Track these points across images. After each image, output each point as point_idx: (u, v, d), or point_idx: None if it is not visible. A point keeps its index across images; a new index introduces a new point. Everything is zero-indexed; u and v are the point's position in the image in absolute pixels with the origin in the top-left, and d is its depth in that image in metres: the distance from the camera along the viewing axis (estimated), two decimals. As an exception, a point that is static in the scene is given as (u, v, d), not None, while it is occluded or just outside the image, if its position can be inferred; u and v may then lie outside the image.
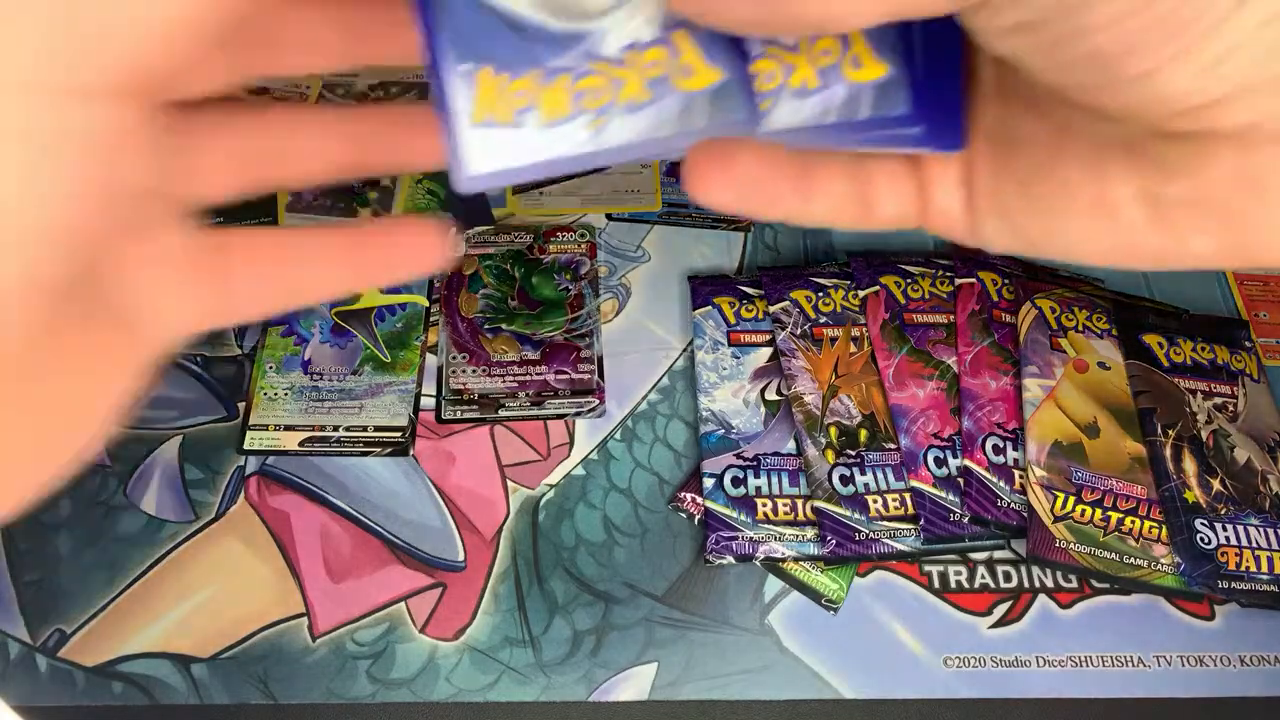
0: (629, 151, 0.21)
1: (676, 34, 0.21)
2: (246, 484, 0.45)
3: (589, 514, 0.44)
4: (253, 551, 0.43)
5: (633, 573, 0.43)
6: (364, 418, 0.46)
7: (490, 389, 0.47)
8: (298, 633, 0.41)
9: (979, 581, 0.43)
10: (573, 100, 0.21)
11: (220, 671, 0.40)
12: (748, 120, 0.22)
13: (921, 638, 0.42)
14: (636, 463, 0.46)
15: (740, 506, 0.43)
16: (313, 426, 0.45)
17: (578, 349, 0.48)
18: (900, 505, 0.43)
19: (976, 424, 0.45)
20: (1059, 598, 0.43)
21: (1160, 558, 0.42)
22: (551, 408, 0.46)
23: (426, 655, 0.41)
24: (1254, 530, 0.43)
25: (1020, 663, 0.41)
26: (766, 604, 0.42)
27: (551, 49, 0.21)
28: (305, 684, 0.40)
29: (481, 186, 0.21)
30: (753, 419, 0.46)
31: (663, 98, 0.21)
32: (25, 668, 0.40)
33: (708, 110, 0.21)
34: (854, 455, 0.44)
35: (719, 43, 0.21)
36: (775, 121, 0.22)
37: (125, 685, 0.40)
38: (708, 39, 0.21)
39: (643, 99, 0.21)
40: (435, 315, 0.49)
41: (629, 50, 0.21)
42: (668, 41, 0.21)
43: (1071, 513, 0.43)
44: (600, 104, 0.21)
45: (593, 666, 0.41)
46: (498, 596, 0.42)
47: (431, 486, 0.45)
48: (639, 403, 0.47)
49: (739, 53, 0.22)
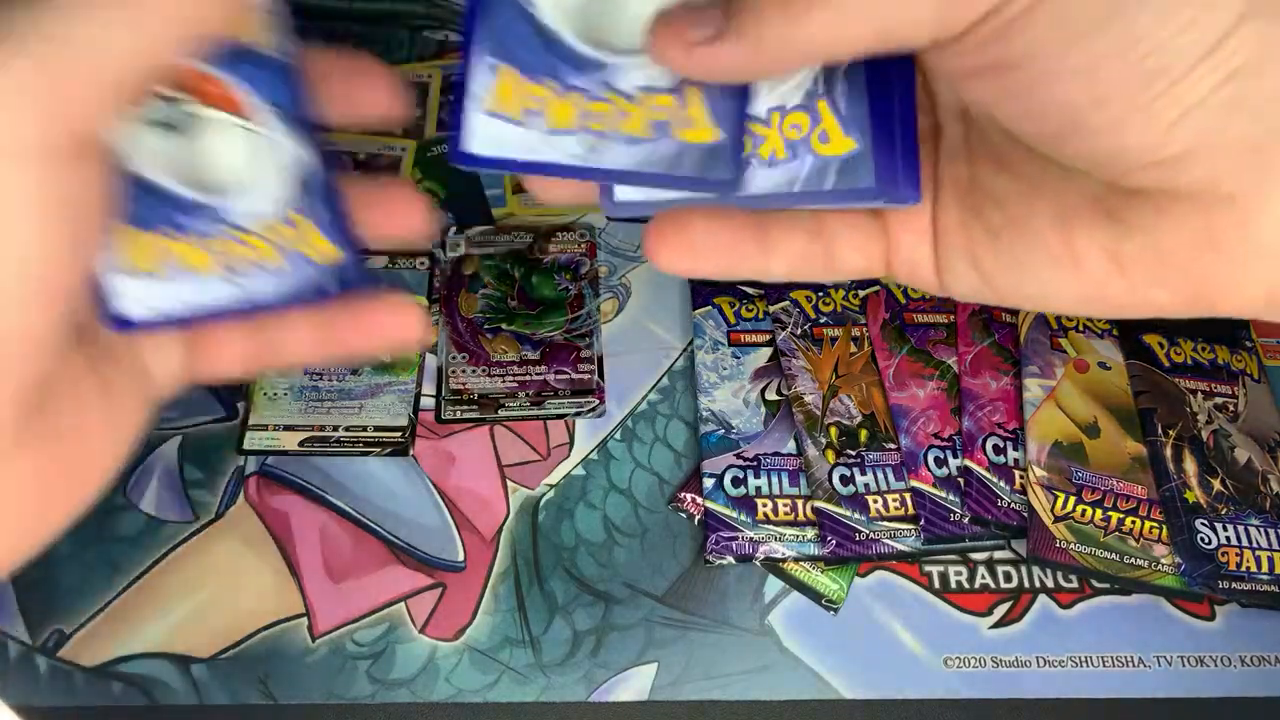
0: (615, 176, 0.23)
1: (689, 88, 0.23)
2: (246, 484, 0.44)
3: (589, 514, 0.44)
4: (252, 552, 0.43)
5: (633, 573, 0.43)
6: (364, 418, 0.46)
7: (490, 389, 0.47)
8: (297, 633, 0.41)
9: (979, 582, 0.43)
10: (579, 117, 0.22)
11: (220, 672, 0.40)
12: (730, 183, 0.23)
13: (922, 638, 0.42)
14: (636, 463, 0.46)
15: (740, 507, 0.43)
16: (312, 426, 0.45)
17: (578, 349, 0.48)
18: (900, 505, 0.43)
19: (977, 424, 0.45)
20: (1059, 598, 0.43)
21: (1161, 558, 0.42)
22: (551, 408, 0.46)
23: (426, 655, 0.41)
24: (1254, 530, 0.43)
25: (1021, 663, 0.41)
26: (767, 604, 0.42)
27: (574, 68, 0.22)
28: (305, 684, 0.40)
29: (474, 165, 0.22)
30: (753, 419, 0.46)
31: (660, 139, 0.23)
32: (25, 668, 0.40)
33: (698, 162, 0.23)
34: (854, 455, 0.44)
35: (725, 106, 0.23)
36: (744, 188, 0.23)
37: (125, 685, 0.40)
38: (716, 100, 0.23)
39: (642, 135, 0.23)
40: (435, 315, 0.49)
41: (643, 90, 0.22)
42: (679, 92, 0.23)
43: (1072, 513, 0.43)
44: (603, 128, 0.22)
45: (593, 667, 0.41)
46: (497, 597, 0.42)
47: (431, 486, 0.45)
48: (639, 403, 0.47)
49: (740, 120, 0.23)
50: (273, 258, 0.23)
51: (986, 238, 0.23)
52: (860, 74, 0.23)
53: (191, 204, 0.23)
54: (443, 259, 0.50)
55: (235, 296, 0.23)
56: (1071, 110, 0.19)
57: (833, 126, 0.23)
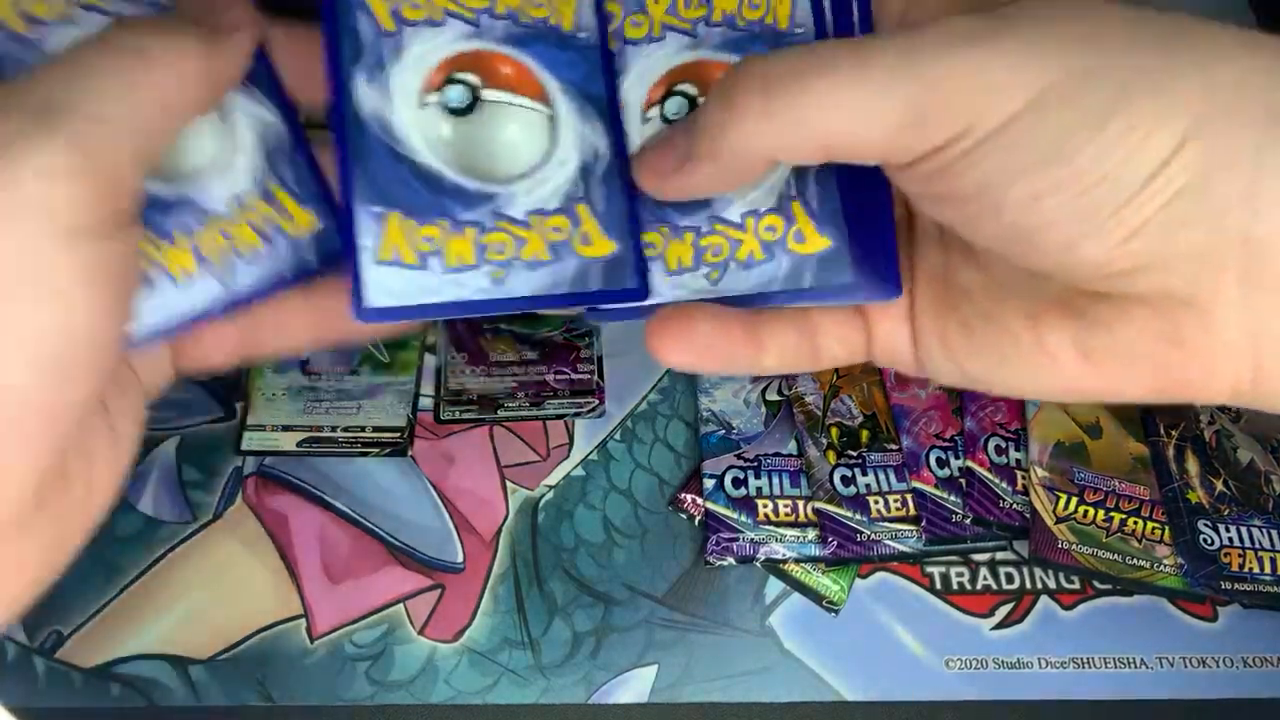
0: (527, 303, 0.23)
1: (579, 206, 0.23)
2: (244, 484, 0.44)
3: (589, 515, 0.44)
4: (251, 552, 0.43)
5: (633, 574, 0.43)
6: (362, 418, 0.45)
7: (489, 389, 0.46)
8: (296, 634, 0.41)
9: (981, 583, 0.43)
10: (477, 251, 0.22)
11: (218, 673, 0.40)
12: (637, 291, 0.23)
13: (923, 639, 0.41)
14: (636, 463, 0.45)
15: (741, 507, 0.43)
16: (311, 427, 0.45)
17: (577, 349, 0.48)
18: (902, 506, 0.43)
19: (979, 424, 0.45)
20: (1061, 599, 0.42)
21: (1163, 559, 0.42)
22: (551, 408, 0.46)
23: (425, 657, 0.41)
24: (1257, 531, 0.43)
25: (1023, 664, 0.41)
26: (767, 605, 0.42)
27: (462, 204, 0.22)
28: (304, 686, 0.40)
29: (380, 319, 0.22)
30: (753, 419, 0.46)
31: (562, 259, 0.23)
32: (22, 669, 0.40)
33: (601, 276, 0.23)
34: (855, 456, 0.44)
35: (615, 218, 0.23)
36: (726, 288, 0.23)
37: (123, 687, 0.40)
38: (605, 213, 0.23)
39: (544, 258, 0.23)
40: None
41: (534, 214, 0.23)
42: (570, 212, 0.23)
43: (1074, 514, 0.43)
44: (504, 257, 0.22)
45: (592, 668, 0.41)
46: (497, 598, 0.42)
47: (430, 487, 0.45)
48: (639, 403, 0.47)
49: (633, 229, 0.23)
50: (252, 241, 0.23)
51: (960, 330, 0.24)
52: (832, 171, 0.24)
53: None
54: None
55: (218, 296, 0.22)
56: (1023, 233, 0.20)
57: (807, 226, 0.23)
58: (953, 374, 0.24)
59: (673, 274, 0.23)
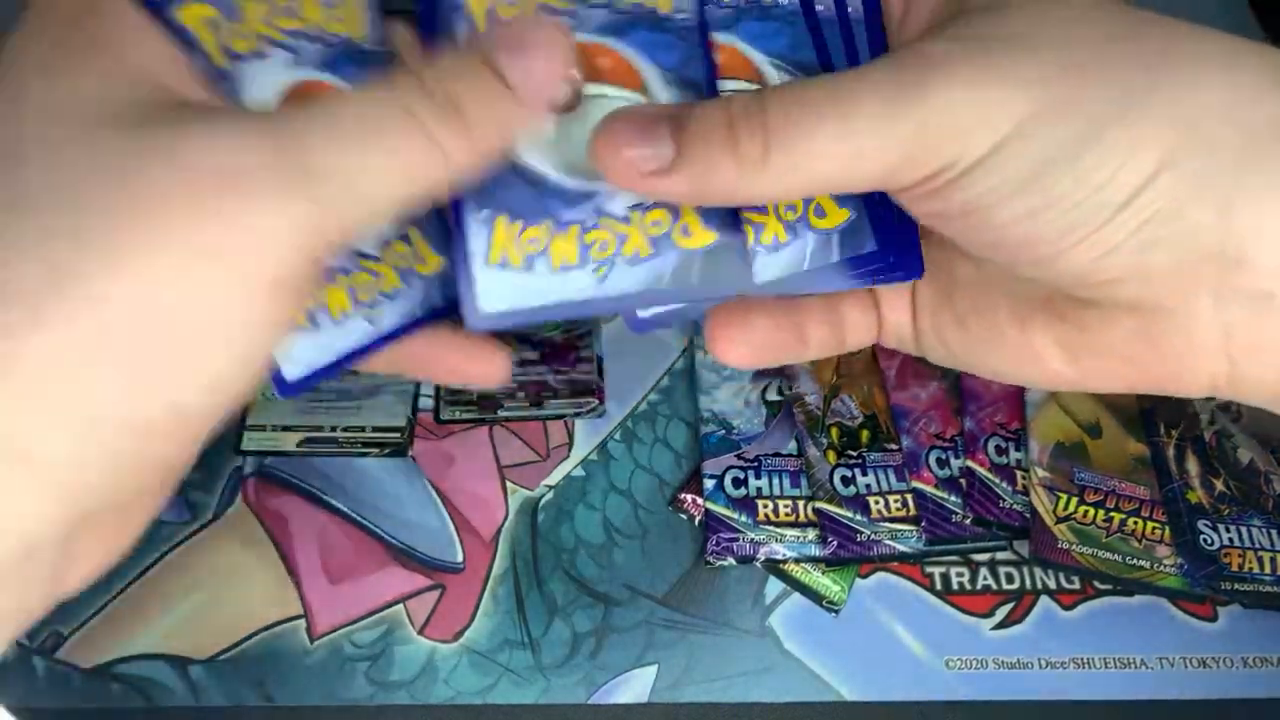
0: (631, 300, 0.23)
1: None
2: (244, 485, 0.44)
3: (589, 515, 0.44)
4: (250, 553, 0.43)
5: (633, 574, 0.43)
6: (362, 418, 0.45)
7: (489, 389, 0.46)
8: (296, 634, 0.41)
9: (981, 583, 0.43)
10: (580, 250, 0.23)
11: (218, 673, 0.40)
12: (739, 278, 0.23)
13: (923, 639, 0.41)
14: (636, 464, 0.45)
15: (741, 508, 0.43)
16: (311, 427, 0.45)
17: (577, 349, 0.48)
18: (902, 506, 0.43)
19: (979, 424, 0.45)
20: (1061, 599, 0.42)
21: (1163, 559, 0.42)
22: (551, 408, 0.46)
23: (425, 657, 0.41)
24: (1257, 531, 0.43)
25: (1023, 664, 0.41)
26: (767, 606, 0.42)
27: (564, 203, 0.23)
28: (303, 686, 0.40)
29: (493, 325, 0.23)
30: (754, 420, 0.45)
31: (663, 253, 0.23)
32: (22, 669, 0.40)
33: (702, 267, 0.23)
34: (855, 456, 0.44)
35: (716, 209, 0.23)
36: (759, 276, 0.24)
37: (122, 687, 0.40)
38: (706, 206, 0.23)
39: (645, 253, 0.23)
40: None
41: (634, 209, 0.23)
42: (670, 204, 0.23)
43: (1074, 514, 0.43)
44: (606, 255, 0.23)
45: (592, 669, 0.41)
46: (497, 598, 0.42)
47: (430, 487, 0.45)
48: (639, 403, 0.47)
49: (734, 219, 0.23)
50: (395, 281, 0.24)
51: (953, 320, 0.25)
52: None
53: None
54: (442, 258, 0.50)
55: (367, 333, 0.23)
56: (1008, 248, 0.21)
57: (826, 200, 0.24)
58: (947, 359, 0.26)
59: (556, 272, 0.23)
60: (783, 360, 0.26)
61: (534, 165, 0.23)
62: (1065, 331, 0.23)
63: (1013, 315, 0.24)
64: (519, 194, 0.22)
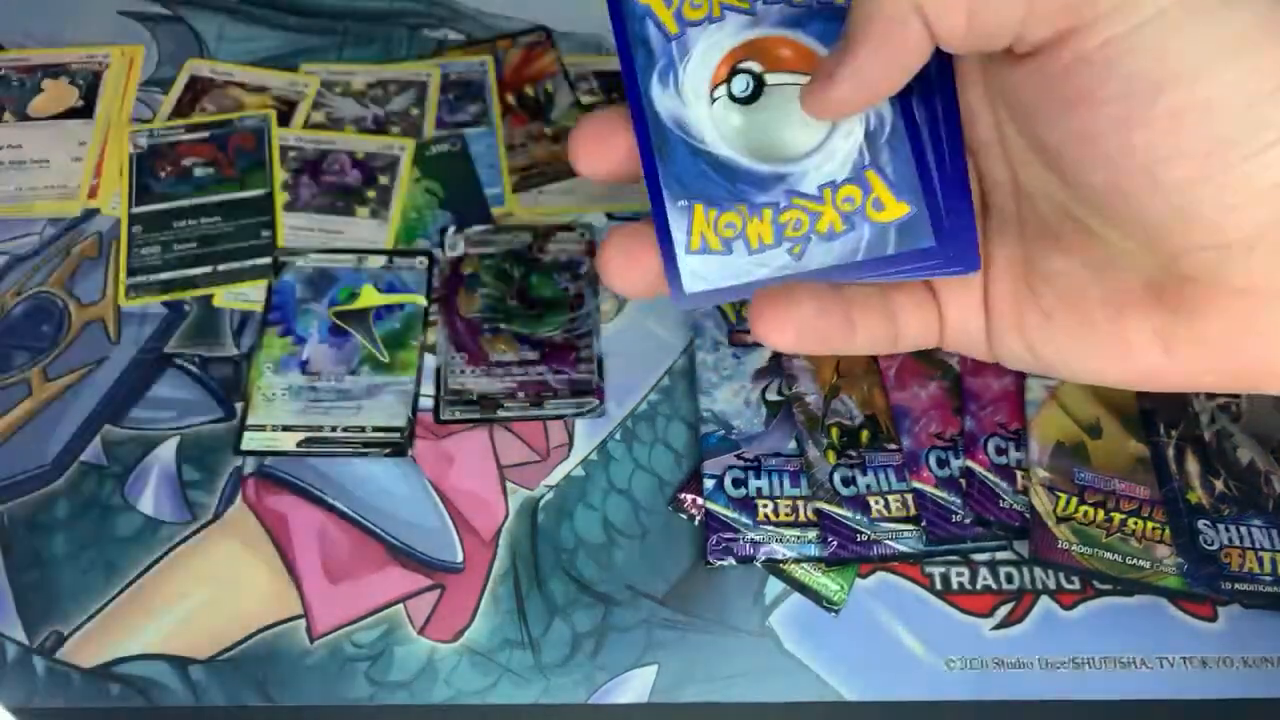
0: (825, 274, 0.24)
1: (869, 173, 0.24)
2: (244, 485, 0.44)
3: (589, 515, 0.44)
4: (251, 553, 0.43)
5: (633, 574, 0.43)
6: (362, 418, 0.45)
7: (489, 389, 0.46)
8: (296, 634, 0.41)
9: (981, 583, 0.43)
10: (775, 230, 0.24)
11: (218, 673, 0.40)
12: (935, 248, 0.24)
13: (923, 639, 0.41)
14: (636, 463, 0.45)
15: (741, 508, 0.43)
16: (311, 427, 0.45)
17: (577, 349, 0.48)
18: (902, 506, 0.43)
19: (979, 424, 0.45)
20: (1061, 599, 0.42)
21: (1163, 559, 0.42)
22: (551, 408, 0.46)
23: (425, 657, 0.41)
24: (1256, 531, 0.43)
25: (1022, 664, 0.41)
26: (767, 606, 0.42)
27: (757, 188, 0.24)
28: (303, 686, 0.40)
29: (698, 304, 0.24)
30: (753, 420, 0.45)
31: (857, 228, 0.24)
32: (22, 669, 0.40)
33: (895, 239, 0.24)
34: (855, 456, 0.44)
35: (906, 180, 0.24)
36: (808, 263, 0.24)
37: (123, 687, 0.40)
38: (896, 178, 0.24)
39: (839, 229, 0.24)
40: (433, 315, 0.49)
41: (826, 187, 0.24)
42: (860, 180, 0.24)
43: (1074, 514, 0.43)
44: (801, 233, 0.24)
45: (593, 669, 0.41)
46: (497, 598, 0.42)
47: (430, 487, 0.45)
48: (639, 403, 0.47)
49: (927, 189, 0.24)
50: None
51: (1038, 316, 0.23)
52: (903, 140, 0.24)
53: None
54: (441, 258, 0.50)
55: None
56: (1147, 161, 0.18)
57: (885, 193, 0.24)
58: (1025, 360, 0.24)
59: (754, 252, 0.24)
60: (829, 349, 0.25)
61: (726, 155, 0.24)
62: (1164, 319, 0.21)
63: (1106, 303, 0.22)
64: (714, 183, 0.24)
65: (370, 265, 0.50)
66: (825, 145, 0.24)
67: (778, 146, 0.24)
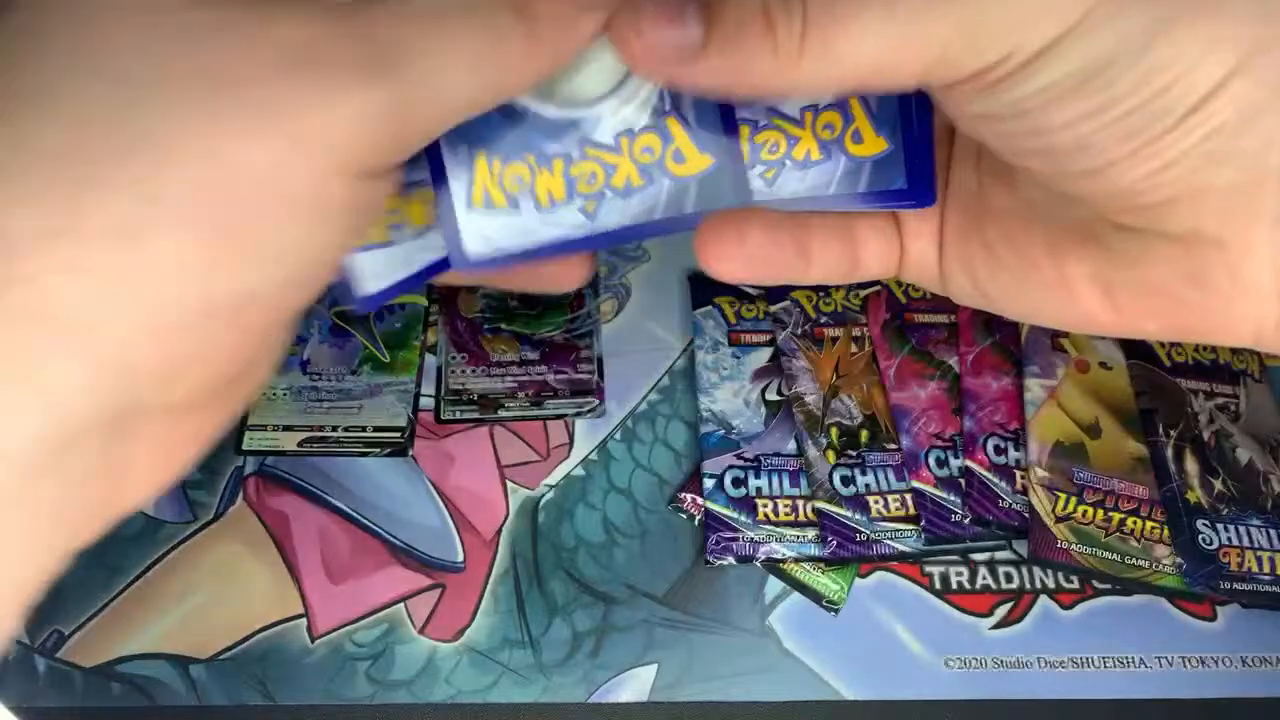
0: (623, 235, 0.22)
1: (669, 120, 0.22)
2: (245, 484, 0.44)
3: (589, 515, 0.44)
4: (251, 552, 0.43)
5: (633, 574, 0.43)
6: (363, 418, 0.45)
7: (490, 389, 0.47)
8: (297, 634, 0.41)
9: (980, 582, 0.43)
10: (567, 185, 0.21)
11: (219, 672, 0.40)
12: (736, 204, 0.22)
13: (922, 639, 0.41)
14: (636, 463, 0.45)
15: (740, 507, 0.43)
16: (311, 427, 0.45)
17: (578, 349, 0.48)
18: (901, 506, 0.43)
19: (978, 424, 0.45)
20: (1060, 599, 0.42)
21: (1162, 558, 0.42)
22: (551, 408, 0.46)
23: (425, 656, 0.41)
24: (1255, 531, 0.43)
25: (1022, 664, 0.41)
26: (767, 605, 0.42)
27: (547, 135, 0.21)
28: (304, 685, 0.40)
29: (484, 269, 0.21)
30: (753, 419, 0.46)
31: (655, 182, 0.22)
32: (23, 668, 0.40)
33: (697, 194, 0.22)
34: (855, 456, 0.44)
35: (710, 130, 0.22)
36: (780, 190, 0.22)
37: (124, 686, 0.40)
38: (699, 127, 0.22)
39: (636, 184, 0.22)
40: (434, 315, 0.49)
41: (623, 136, 0.21)
42: (660, 128, 0.22)
43: (1073, 513, 0.43)
44: (594, 189, 0.21)
45: (593, 668, 0.41)
46: (497, 598, 0.42)
47: (430, 487, 0.45)
48: (639, 403, 0.47)
49: (730, 140, 0.22)
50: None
51: (983, 251, 0.23)
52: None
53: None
54: (442, 258, 0.50)
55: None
56: (1056, 155, 0.19)
57: (865, 126, 0.22)
58: (972, 295, 0.24)
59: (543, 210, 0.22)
60: (780, 278, 0.24)
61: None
62: (1103, 264, 0.21)
63: (1048, 244, 0.22)
64: (497, 128, 0.21)
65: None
66: (622, 89, 0.21)
67: (568, 87, 0.21)
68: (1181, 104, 0.18)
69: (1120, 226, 0.20)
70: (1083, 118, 0.18)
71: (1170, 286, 0.20)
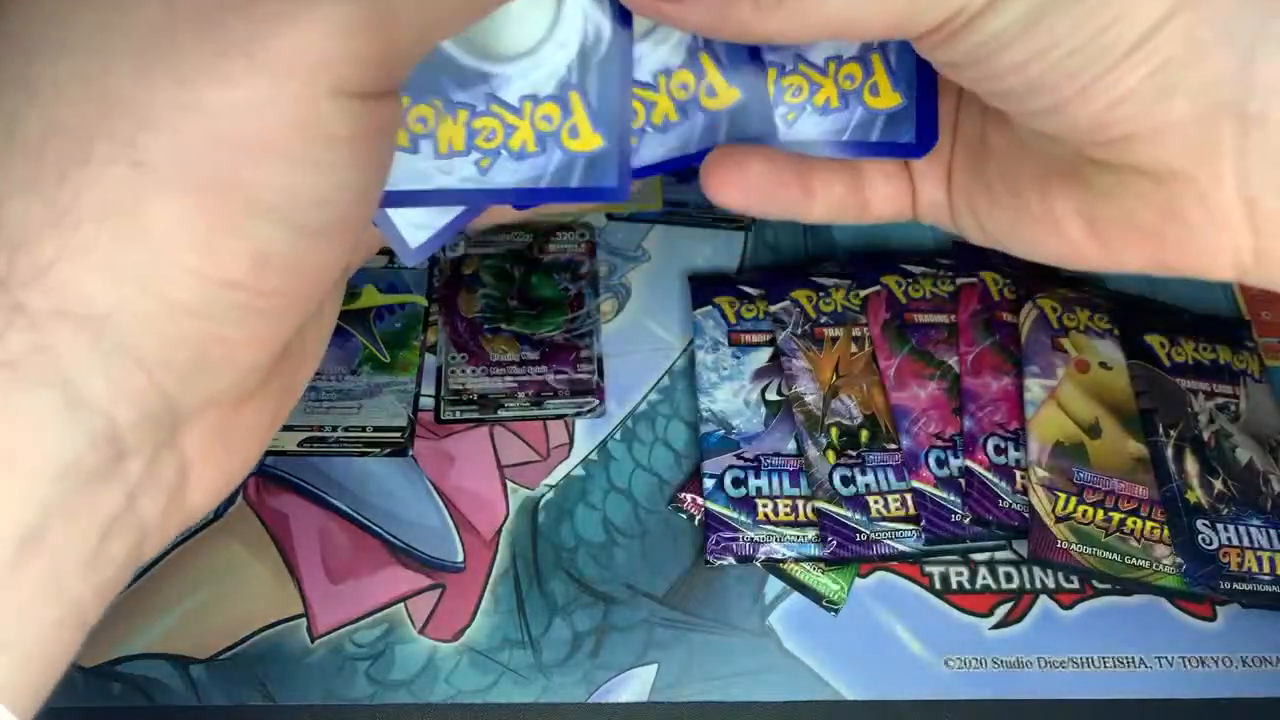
0: (511, 196, 0.22)
1: (573, 94, 0.22)
2: (245, 484, 0.44)
3: (589, 515, 0.44)
4: (251, 552, 0.43)
5: (633, 574, 0.43)
6: (363, 418, 0.45)
7: (490, 389, 0.47)
8: (296, 634, 0.41)
9: (980, 582, 0.43)
10: (467, 136, 0.22)
11: (219, 672, 0.40)
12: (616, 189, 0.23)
13: (922, 639, 0.41)
14: (636, 463, 0.45)
15: (740, 507, 0.43)
16: (311, 427, 0.45)
17: (578, 349, 0.48)
18: (901, 506, 0.43)
19: (978, 424, 0.45)
20: (1060, 599, 0.42)
21: (1162, 558, 0.42)
22: (551, 408, 0.46)
23: (425, 656, 0.41)
24: (1255, 531, 0.43)
25: (1022, 664, 0.41)
26: (767, 605, 0.42)
27: (457, 83, 0.21)
28: (304, 685, 0.40)
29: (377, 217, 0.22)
30: (753, 419, 0.46)
31: (548, 150, 0.22)
32: (23, 669, 0.40)
33: (581, 174, 0.22)
34: (855, 456, 0.44)
35: (606, 111, 0.22)
36: (797, 133, 0.24)
37: (124, 686, 0.40)
38: (598, 106, 0.22)
39: (530, 149, 0.22)
40: (434, 315, 0.49)
41: (527, 99, 0.22)
42: (563, 100, 0.22)
43: (1073, 513, 0.43)
44: (492, 145, 0.22)
45: (593, 668, 0.41)
46: (497, 598, 0.42)
47: (430, 487, 0.45)
48: (639, 403, 0.47)
49: (758, 78, 0.23)
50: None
51: (983, 190, 0.24)
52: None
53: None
54: (442, 258, 0.50)
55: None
56: (1016, 97, 0.20)
57: (883, 80, 0.23)
58: (980, 235, 0.25)
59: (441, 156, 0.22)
60: (781, 212, 0.25)
61: None
62: (1085, 199, 0.22)
63: (1035, 181, 0.23)
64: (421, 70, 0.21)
65: (371, 265, 0.50)
66: (536, 53, 0.21)
67: (487, 39, 0.21)
68: (1123, 41, 0.18)
69: (1095, 162, 0.21)
70: (1030, 59, 0.19)
71: (1147, 220, 0.21)
